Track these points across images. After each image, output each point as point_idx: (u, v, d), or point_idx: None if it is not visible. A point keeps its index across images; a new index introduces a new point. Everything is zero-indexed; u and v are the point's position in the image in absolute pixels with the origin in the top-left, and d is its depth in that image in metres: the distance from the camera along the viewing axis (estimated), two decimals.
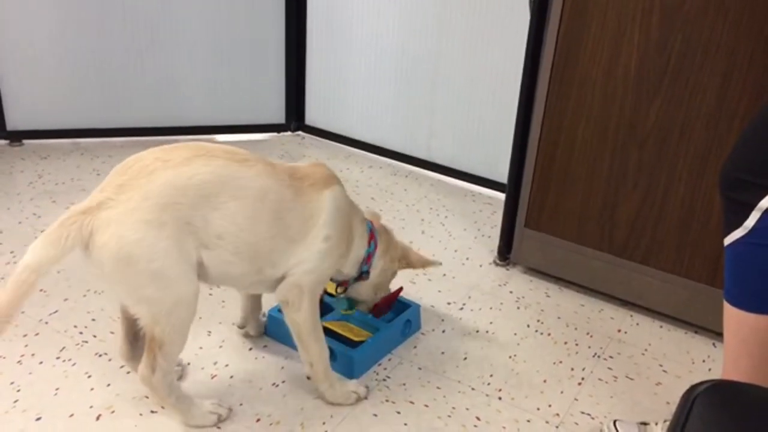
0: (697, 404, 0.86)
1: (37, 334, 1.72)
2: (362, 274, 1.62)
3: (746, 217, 1.18)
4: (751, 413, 0.87)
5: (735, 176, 1.20)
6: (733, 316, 1.26)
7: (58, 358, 1.65)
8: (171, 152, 1.32)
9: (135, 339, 1.46)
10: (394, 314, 1.81)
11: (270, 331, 1.78)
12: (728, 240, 1.22)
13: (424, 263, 1.76)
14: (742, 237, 1.20)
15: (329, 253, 1.47)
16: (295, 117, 3.12)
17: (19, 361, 1.63)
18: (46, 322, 1.77)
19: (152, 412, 1.51)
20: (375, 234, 1.63)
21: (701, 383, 0.89)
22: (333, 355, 1.67)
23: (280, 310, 1.76)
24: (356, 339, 1.69)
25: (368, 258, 1.61)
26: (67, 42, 2.71)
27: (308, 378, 1.58)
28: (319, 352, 1.52)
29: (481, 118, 2.66)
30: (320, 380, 1.55)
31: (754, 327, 1.24)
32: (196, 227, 1.31)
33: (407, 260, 1.72)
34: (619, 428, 1.47)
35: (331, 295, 1.72)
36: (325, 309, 1.80)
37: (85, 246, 1.25)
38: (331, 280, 1.63)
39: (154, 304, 1.31)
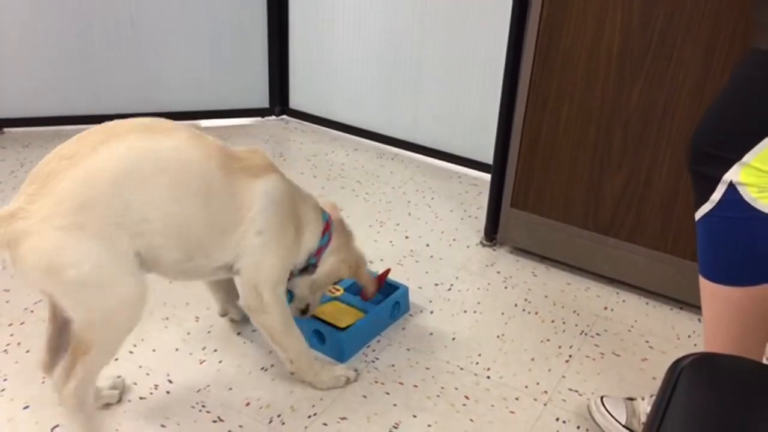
0: (682, 378, 0.87)
1: (22, 323, 1.71)
2: (308, 267, 1.54)
3: (712, 190, 1.19)
4: (734, 384, 0.88)
5: (700, 150, 1.21)
6: (708, 290, 1.28)
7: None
8: (75, 145, 1.22)
9: (58, 349, 1.36)
10: (383, 296, 1.81)
11: None
12: (698, 215, 1.24)
13: (366, 284, 1.66)
14: (710, 210, 1.21)
15: (268, 247, 1.37)
16: (279, 101, 3.10)
17: (5, 350, 1.62)
18: (32, 311, 1.75)
19: (141, 398, 1.51)
20: (331, 226, 1.55)
21: (686, 357, 0.90)
22: (322, 338, 1.68)
23: None
24: (342, 326, 1.69)
25: (319, 251, 1.52)
26: (47, 29, 2.67)
27: (292, 374, 1.55)
28: (297, 348, 1.49)
29: (465, 99, 2.66)
30: (305, 373, 1.53)
31: (729, 299, 1.25)
32: (120, 217, 1.21)
33: (356, 271, 1.62)
34: (606, 404, 1.48)
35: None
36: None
37: (7, 255, 1.17)
38: None
39: (92, 308, 1.22)
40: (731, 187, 1.18)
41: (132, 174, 1.21)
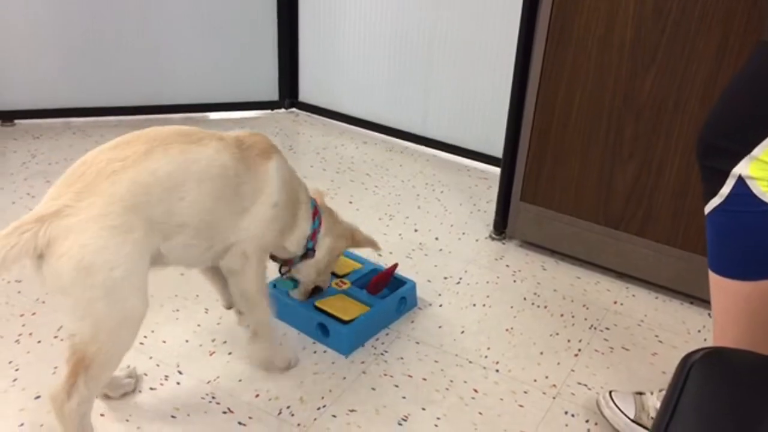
0: (692, 372, 0.86)
1: (33, 314, 1.72)
2: (307, 252, 1.59)
3: (722, 184, 1.18)
4: (744, 379, 0.87)
5: (710, 143, 1.20)
6: (717, 285, 1.27)
7: (55, 336, 1.65)
8: (125, 149, 1.24)
9: None
10: (390, 291, 1.81)
11: None
12: (707, 208, 1.23)
13: (370, 243, 1.73)
14: (719, 205, 1.20)
15: (275, 220, 1.44)
16: (288, 94, 3.10)
17: (17, 341, 1.63)
18: (43, 302, 1.76)
19: (151, 388, 1.52)
20: (319, 210, 1.60)
21: (696, 351, 0.89)
22: (326, 331, 1.68)
23: (275, 285, 1.77)
24: (347, 318, 1.69)
25: (313, 234, 1.58)
26: (58, 21, 2.68)
27: (248, 343, 1.57)
28: (262, 317, 1.52)
29: (476, 92, 2.65)
30: (260, 344, 1.56)
31: (738, 294, 1.24)
32: (160, 222, 1.25)
33: (353, 238, 1.68)
34: (615, 399, 1.48)
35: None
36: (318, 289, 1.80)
37: (38, 256, 1.15)
38: (275, 260, 1.62)
39: (100, 320, 1.20)
40: (740, 181, 1.17)
41: (175, 184, 1.26)
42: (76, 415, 1.25)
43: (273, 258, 1.61)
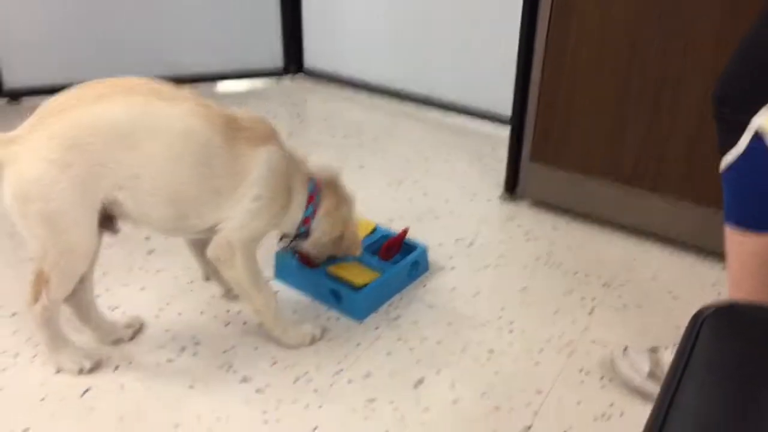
0: (704, 328, 0.86)
1: None
2: (300, 234, 1.58)
3: (738, 138, 1.17)
4: (758, 333, 0.87)
5: (725, 98, 1.18)
6: (733, 239, 1.26)
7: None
8: (87, 89, 1.29)
9: (79, 305, 1.51)
10: (402, 256, 1.81)
11: (278, 275, 1.80)
12: (723, 163, 1.22)
13: (350, 249, 1.65)
14: (736, 159, 1.19)
15: (259, 212, 1.42)
16: (293, 61, 3.07)
17: None
18: None
19: (168, 360, 1.54)
20: (315, 197, 1.55)
21: (708, 306, 0.89)
22: (338, 297, 1.69)
23: (292, 255, 1.77)
24: (359, 283, 1.69)
25: (306, 220, 1.55)
26: None
27: (261, 325, 1.58)
28: (263, 301, 1.52)
29: (482, 52, 2.61)
30: (271, 327, 1.56)
31: (754, 247, 1.24)
32: (110, 168, 1.28)
33: (344, 234, 1.61)
34: (629, 355, 1.48)
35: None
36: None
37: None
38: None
39: (46, 245, 1.31)
40: (757, 135, 1.15)
41: (125, 132, 1.28)
42: (41, 317, 1.40)
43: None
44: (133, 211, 1.35)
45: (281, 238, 1.65)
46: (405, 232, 1.83)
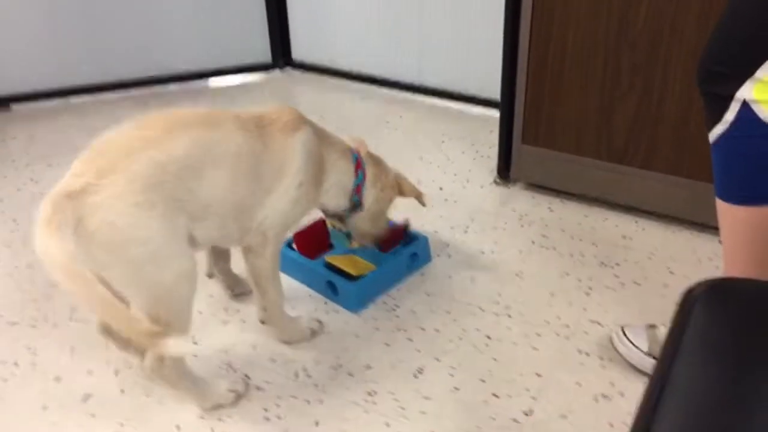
0: (696, 305, 0.86)
1: (48, 299, 1.74)
2: (355, 206, 1.60)
3: (725, 110, 1.16)
4: (750, 309, 0.87)
5: (711, 69, 1.17)
6: (725, 212, 1.26)
7: (70, 319, 1.67)
8: (146, 128, 1.28)
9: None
10: (403, 247, 1.81)
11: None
12: (712, 136, 1.21)
13: (416, 193, 1.73)
14: (725, 131, 1.18)
15: (300, 199, 1.45)
16: (281, 54, 3.06)
17: (33, 326, 1.66)
18: (55, 286, 1.78)
19: None
20: (362, 163, 1.60)
21: (699, 284, 0.88)
22: (334, 289, 1.69)
23: (288, 245, 1.78)
24: (356, 274, 1.69)
25: (357, 189, 1.58)
26: (45, 1, 2.65)
27: (262, 322, 1.57)
28: (275, 297, 1.52)
29: (470, 36, 2.60)
30: (274, 323, 1.56)
31: (746, 219, 1.23)
32: (184, 201, 1.27)
33: (400, 188, 1.69)
34: (627, 333, 1.48)
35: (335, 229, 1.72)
36: (330, 246, 1.81)
37: (72, 230, 1.18)
38: (326, 213, 1.64)
39: (155, 285, 1.26)
40: (745, 105, 1.14)
41: (193, 165, 1.28)
42: (174, 372, 1.33)
43: (324, 212, 1.64)
44: (203, 239, 1.35)
45: (329, 216, 1.66)
46: (405, 224, 1.81)
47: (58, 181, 1.22)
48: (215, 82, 3.01)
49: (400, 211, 2.03)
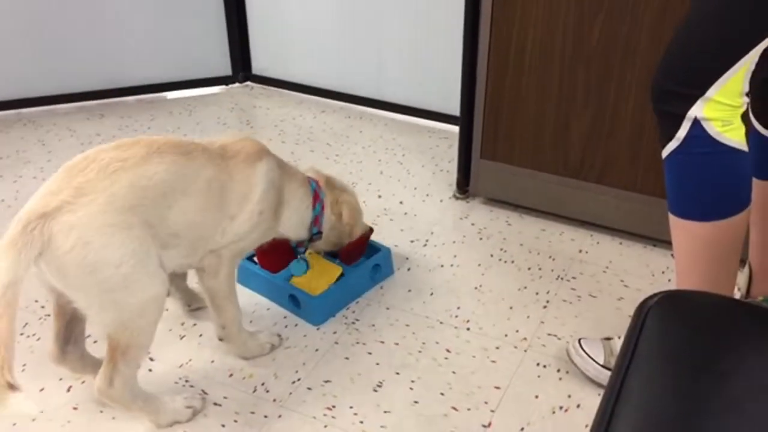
0: (649, 316, 0.88)
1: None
2: (314, 236, 1.62)
3: (678, 128, 1.19)
4: (702, 319, 0.89)
5: (664, 87, 1.21)
6: (678, 227, 1.29)
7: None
8: (126, 150, 1.27)
9: (66, 341, 1.39)
10: (366, 258, 1.80)
11: (238, 279, 1.77)
12: (665, 153, 1.24)
13: (351, 223, 1.69)
14: (677, 148, 1.21)
15: (259, 225, 1.45)
16: (241, 68, 3.04)
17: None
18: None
19: None
20: (320, 194, 1.60)
21: (653, 296, 0.90)
22: (297, 302, 1.68)
23: (250, 258, 1.76)
24: (315, 293, 1.68)
25: (316, 220, 1.59)
26: (1, 9, 2.59)
27: (220, 340, 1.54)
28: (233, 314, 1.51)
29: (429, 51, 2.62)
30: (233, 340, 1.54)
31: (699, 235, 1.26)
32: (155, 227, 1.27)
33: (339, 215, 1.66)
34: (583, 346, 1.50)
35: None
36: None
37: (39, 253, 1.16)
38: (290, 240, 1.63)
39: (123, 308, 1.25)
40: (696, 123, 1.18)
41: (166, 192, 1.28)
42: (124, 393, 1.31)
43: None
44: (168, 265, 1.33)
45: (296, 247, 1.66)
46: (369, 235, 1.80)
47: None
48: (173, 94, 2.98)
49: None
